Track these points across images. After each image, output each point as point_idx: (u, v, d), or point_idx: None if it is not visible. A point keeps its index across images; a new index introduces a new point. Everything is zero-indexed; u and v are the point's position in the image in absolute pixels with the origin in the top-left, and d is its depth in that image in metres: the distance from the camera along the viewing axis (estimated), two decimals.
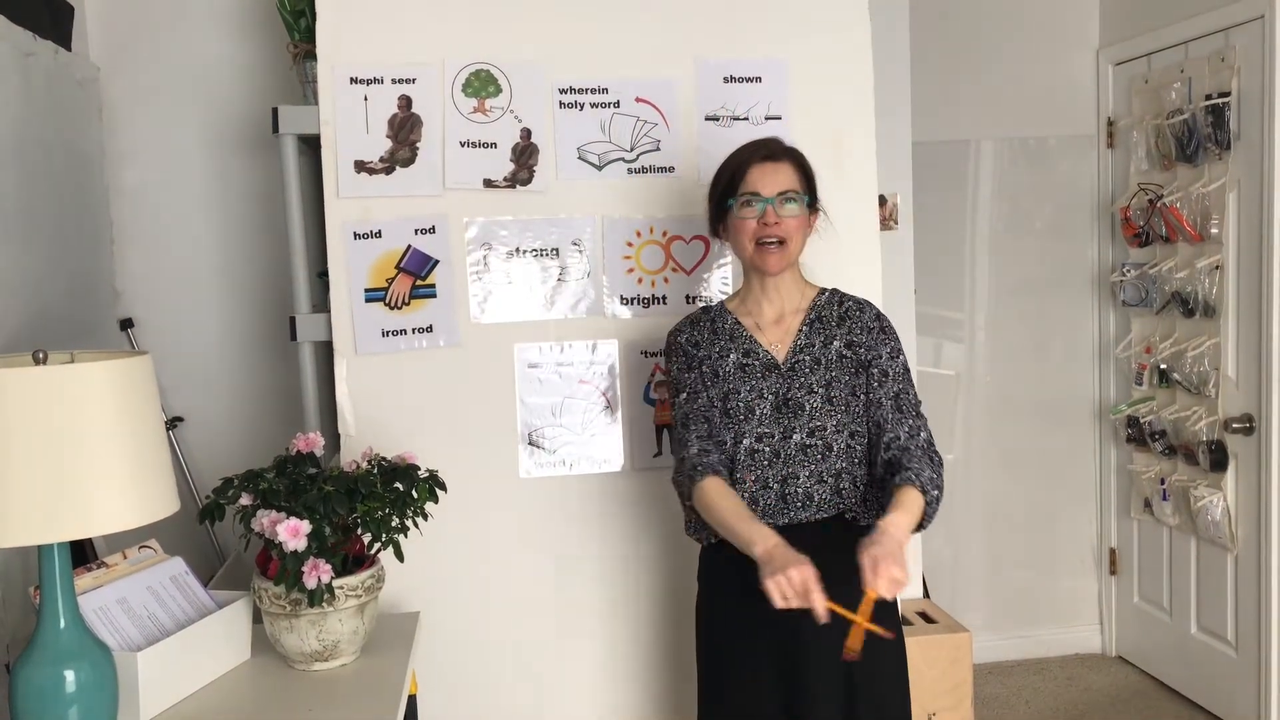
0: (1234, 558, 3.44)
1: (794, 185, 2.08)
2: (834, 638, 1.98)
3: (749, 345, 2.12)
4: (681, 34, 2.56)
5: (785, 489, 2.05)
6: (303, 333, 2.51)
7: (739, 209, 2.08)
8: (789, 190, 2.07)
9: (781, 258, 2.08)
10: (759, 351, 2.11)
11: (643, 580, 2.59)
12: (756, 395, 2.08)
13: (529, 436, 2.52)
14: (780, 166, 2.09)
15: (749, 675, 2.06)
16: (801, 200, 2.09)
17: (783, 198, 2.06)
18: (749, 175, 2.08)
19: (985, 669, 4.00)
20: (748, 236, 2.08)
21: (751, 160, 2.09)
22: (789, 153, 2.12)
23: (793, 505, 2.06)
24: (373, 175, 2.44)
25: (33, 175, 2.51)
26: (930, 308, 3.91)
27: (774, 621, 2.01)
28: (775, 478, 2.06)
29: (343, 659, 1.96)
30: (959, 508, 4.09)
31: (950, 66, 3.88)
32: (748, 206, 2.07)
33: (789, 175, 2.09)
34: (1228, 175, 3.33)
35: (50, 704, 1.51)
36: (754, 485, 2.06)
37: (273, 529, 1.83)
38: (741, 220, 2.08)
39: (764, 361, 2.10)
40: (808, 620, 1.90)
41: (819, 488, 2.06)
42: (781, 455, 2.06)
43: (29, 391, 1.42)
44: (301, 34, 2.62)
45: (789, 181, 2.08)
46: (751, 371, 2.10)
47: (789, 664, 2.02)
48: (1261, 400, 3.26)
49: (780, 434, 2.07)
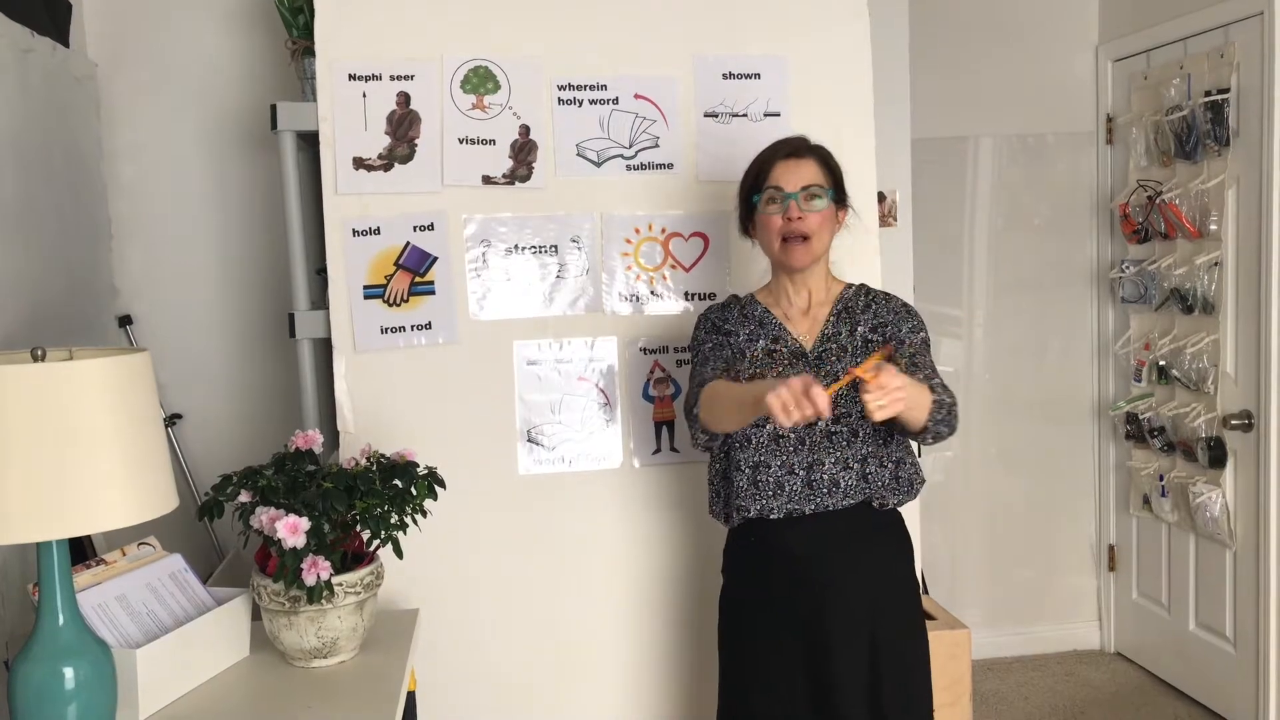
0: (1232, 554, 3.44)
1: (818, 180, 2.10)
2: (861, 626, 2.01)
3: (778, 332, 2.14)
4: (680, 31, 2.55)
5: (811, 475, 2.06)
6: (301, 330, 2.51)
7: (764, 205, 2.10)
8: (813, 185, 2.08)
9: (806, 252, 2.08)
10: (787, 339, 2.13)
11: (643, 577, 2.59)
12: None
13: (528, 433, 2.52)
14: (804, 163, 2.10)
15: (777, 674, 2.07)
16: (827, 195, 2.10)
17: (807, 193, 2.08)
18: (774, 171, 2.10)
19: (984, 665, 4.00)
20: (773, 232, 2.10)
21: (776, 157, 2.11)
22: (814, 149, 2.14)
23: (819, 491, 2.06)
24: (371, 172, 2.44)
25: (31, 172, 2.51)
26: (929, 304, 3.91)
27: (799, 610, 2.04)
28: (801, 464, 2.06)
29: (342, 656, 1.96)
30: (958, 504, 4.09)
31: (949, 63, 3.88)
32: (772, 203, 2.09)
33: (813, 171, 2.10)
34: (1227, 172, 3.33)
35: (49, 701, 1.51)
36: (780, 470, 2.07)
37: (271, 526, 1.83)
38: (767, 216, 2.10)
39: (792, 349, 2.12)
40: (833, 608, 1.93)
41: (845, 474, 2.06)
42: (807, 442, 2.07)
43: (27, 389, 1.42)
44: (300, 30, 2.62)
45: (813, 177, 2.09)
46: (779, 357, 2.11)
47: (812, 652, 2.04)
48: (1260, 397, 3.26)
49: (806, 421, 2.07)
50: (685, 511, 2.58)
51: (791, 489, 2.06)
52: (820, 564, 2.06)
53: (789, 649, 2.06)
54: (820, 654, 2.04)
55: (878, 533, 2.11)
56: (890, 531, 2.14)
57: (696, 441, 2.12)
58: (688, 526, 2.58)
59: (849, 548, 2.06)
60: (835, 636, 2.03)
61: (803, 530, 2.06)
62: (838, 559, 2.06)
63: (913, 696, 2.09)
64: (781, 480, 2.07)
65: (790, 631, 2.06)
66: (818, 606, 2.04)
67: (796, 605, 2.06)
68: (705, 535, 2.52)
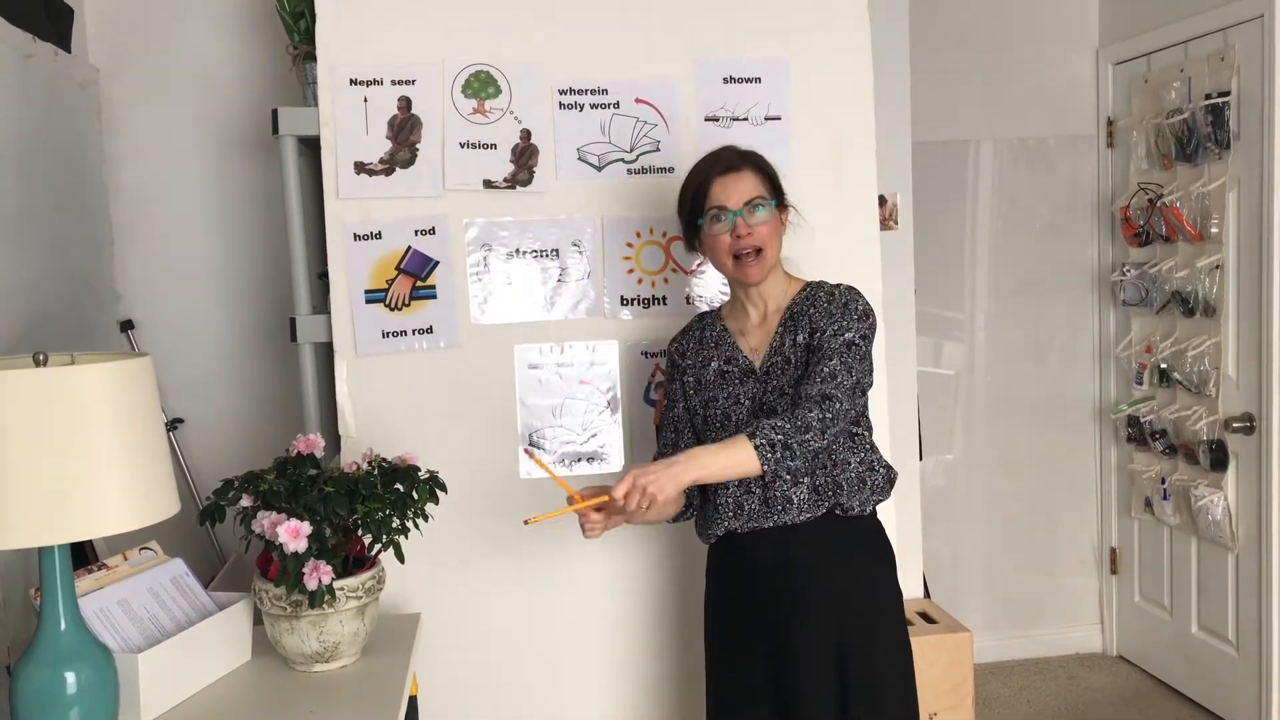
0: (1234, 557, 3.44)
1: (758, 192, 2.07)
2: (826, 637, 2.01)
3: (730, 352, 2.14)
4: (681, 34, 2.55)
5: (767, 494, 2.05)
6: (303, 334, 2.51)
7: (709, 226, 2.07)
8: (755, 198, 2.05)
9: (760, 267, 2.07)
10: (739, 359, 2.13)
11: (644, 582, 2.59)
12: (734, 402, 2.10)
13: (529, 437, 2.52)
14: (742, 176, 2.07)
15: (743, 675, 2.09)
16: (769, 205, 2.07)
17: (750, 206, 2.05)
18: (712, 190, 2.06)
19: (986, 669, 4.00)
20: (723, 253, 2.07)
21: (712, 174, 2.08)
22: (747, 158, 2.11)
23: (774, 509, 2.05)
24: (372, 176, 2.44)
25: (32, 177, 2.51)
26: (930, 308, 3.91)
27: (767, 621, 2.04)
28: (756, 483, 2.06)
29: (343, 660, 1.96)
30: (959, 507, 4.09)
31: (950, 66, 3.88)
32: (717, 222, 2.06)
33: (752, 183, 2.07)
34: (1227, 174, 3.33)
35: (51, 705, 1.51)
36: (738, 491, 2.07)
37: (273, 530, 1.83)
38: (714, 237, 2.07)
39: (742, 368, 2.12)
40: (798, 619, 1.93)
41: (796, 490, 2.04)
42: None
43: (29, 394, 1.42)
44: (301, 35, 2.62)
45: (752, 189, 2.06)
46: (730, 378, 2.12)
47: (779, 663, 2.04)
48: (1262, 399, 3.26)
49: None
50: None
51: (750, 508, 2.06)
52: (783, 575, 2.05)
53: (758, 658, 2.06)
54: (787, 664, 2.03)
55: (844, 544, 2.08)
56: (860, 542, 2.10)
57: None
58: (688, 532, 2.57)
59: (811, 560, 2.04)
60: (801, 646, 2.02)
61: (766, 544, 2.06)
62: (801, 571, 2.04)
63: (886, 707, 2.05)
64: (740, 500, 2.07)
65: (760, 640, 2.06)
66: (783, 617, 2.04)
67: (765, 615, 2.06)
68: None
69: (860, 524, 2.10)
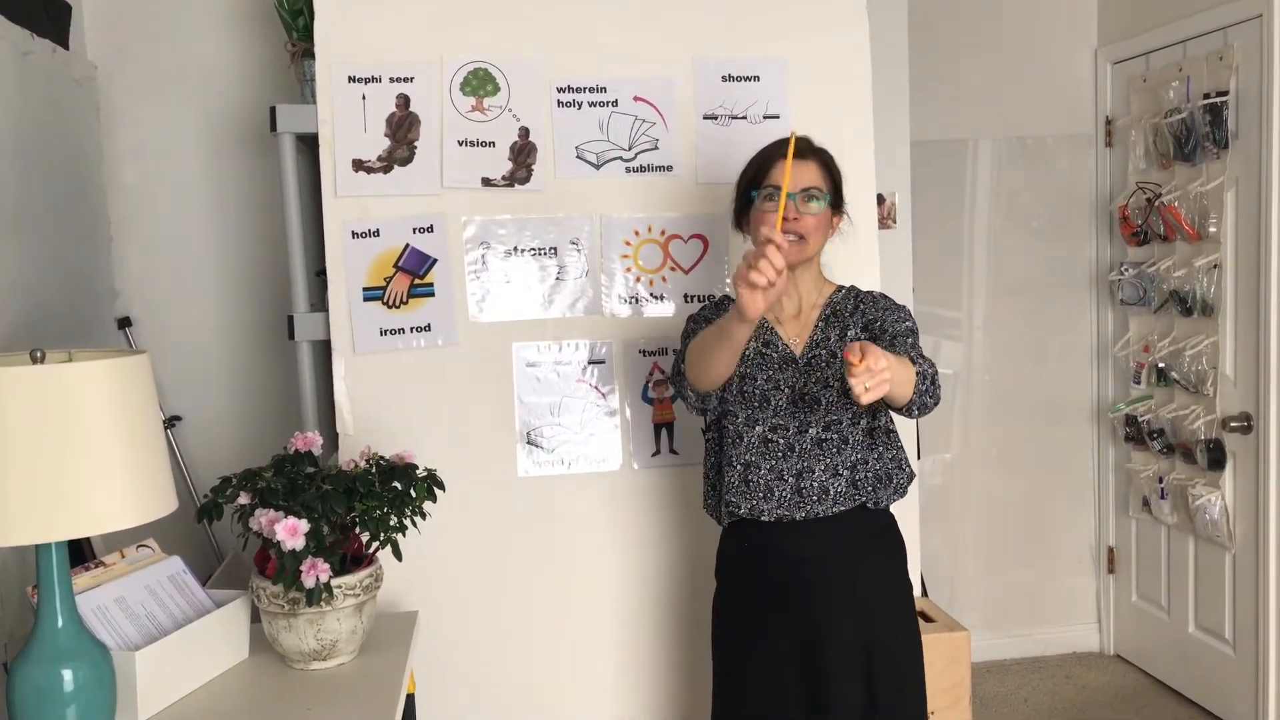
0: (1232, 556, 3.44)
1: (818, 183, 2.08)
2: (856, 633, 2.01)
3: (768, 336, 2.13)
4: (680, 33, 2.55)
5: (800, 482, 2.05)
6: (301, 332, 2.51)
7: (761, 201, 2.09)
8: (812, 188, 2.07)
9: (798, 250, 2.05)
10: (777, 343, 2.12)
11: (642, 579, 2.59)
12: (773, 386, 2.09)
13: (527, 435, 2.52)
14: (806, 164, 2.08)
15: (769, 678, 2.07)
16: (824, 199, 2.09)
17: (805, 194, 2.06)
18: (775, 170, 2.07)
19: (983, 668, 4.00)
20: (768, 229, 2.08)
21: (778, 155, 2.08)
22: (816, 152, 2.13)
23: (808, 499, 2.05)
24: (371, 174, 2.44)
25: (30, 174, 2.51)
26: (928, 307, 3.91)
27: (793, 624, 2.04)
28: (790, 471, 2.06)
29: (341, 658, 1.96)
30: (957, 506, 4.09)
31: (948, 65, 3.88)
32: (770, 200, 2.07)
33: (814, 173, 2.09)
34: (1226, 174, 3.33)
35: (48, 703, 1.51)
36: (769, 475, 2.06)
37: (271, 528, 1.83)
38: (763, 213, 2.08)
39: (782, 354, 2.11)
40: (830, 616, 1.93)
41: (834, 481, 2.05)
42: (796, 449, 2.06)
43: (26, 390, 1.42)
44: (300, 32, 2.62)
45: (813, 179, 2.08)
46: (769, 361, 2.11)
47: (809, 666, 2.04)
48: (1259, 399, 3.26)
49: (796, 428, 2.06)
50: (684, 513, 2.58)
51: (781, 494, 2.06)
52: (812, 568, 2.05)
53: (782, 652, 2.05)
54: (813, 658, 2.03)
55: (870, 537, 2.10)
56: (883, 536, 2.14)
57: (689, 404, 2.13)
58: (687, 528, 2.58)
59: (841, 552, 2.05)
60: (828, 640, 2.02)
61: (794, 535, 2.06)
62: (830, 563, 2.05)
63: (907, 701, 2.08)
64: (771, 484, 2.06)
65: (783, 635, 2.05)
66: (810, 611, 2.04)
67: (789, 609, 2.05)
68: (704, 537, 2.51)
69: (883, 518, 2.12)
